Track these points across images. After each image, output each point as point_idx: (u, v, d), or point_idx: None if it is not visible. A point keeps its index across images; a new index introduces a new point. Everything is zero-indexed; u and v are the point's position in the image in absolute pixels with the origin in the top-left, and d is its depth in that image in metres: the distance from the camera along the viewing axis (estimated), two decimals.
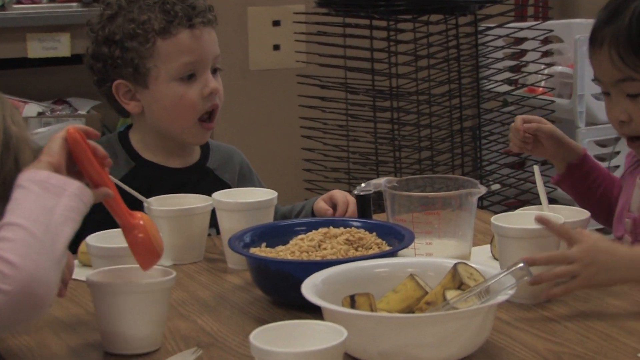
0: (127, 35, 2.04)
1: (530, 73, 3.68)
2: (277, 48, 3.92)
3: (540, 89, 3.68)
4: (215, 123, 2.11)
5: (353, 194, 1.96)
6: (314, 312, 1.43)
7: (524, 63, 3.62)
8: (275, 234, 1.79)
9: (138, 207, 1.84)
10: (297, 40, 3.59)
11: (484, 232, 1.98)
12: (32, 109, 3.42)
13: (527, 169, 3.57)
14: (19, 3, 3.44)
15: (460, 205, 1.78)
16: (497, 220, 1.69)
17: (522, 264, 1.46)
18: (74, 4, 3.45)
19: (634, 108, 1.77)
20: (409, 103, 3.44)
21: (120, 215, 1.47)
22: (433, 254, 1.77)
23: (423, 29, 3.43)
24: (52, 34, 3.36)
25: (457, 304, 1.43)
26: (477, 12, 3.47)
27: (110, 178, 1.49)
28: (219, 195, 1.90)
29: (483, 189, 1.80)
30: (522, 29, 3.58)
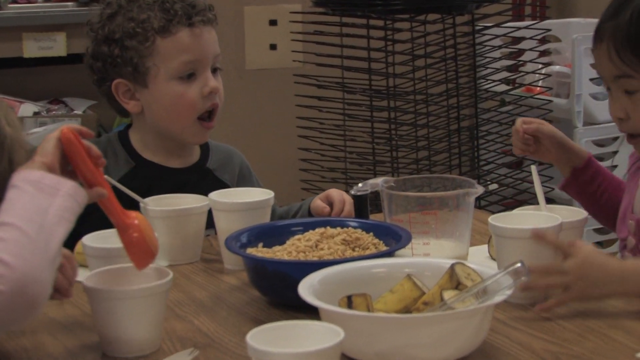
0: (126, 34, 2.03)
1: (528, 72, 3.67)
2: (273, 47, 3.92)
3: (538, 89, 3.68)
4: (215, 122, 2.10)
5: (350, 194, 1.96)
6: (311, 312, 1.43)
7: (522, 62, 3.61)
8: (272, 234, 1.78)
9: (136, 207, 1.84)
10: (293, 40, 3.59)
11: (482, 232, 1.98)
12: (27, 109, 3.41)
13: (524, 169, 3.57)
14: (15, 2, 3.43)
15: (458, 205, 1.78)
16: (494, 220, 1.69)
17: (519, 264, 1.46)
18: (70, 4, 3.44)
19: (631, 105, 1.76)
20: (406, 103, 3.43)
21: (115, 215, 1.47)
22: (430, 254, 1.77)
23: (420, 29, 3.42)
24: (47, 34, 3.35)
25: (454, 305, 1.42)
26: (474, 11, 3.46)
27: (106, 178, 1.48)
28: (216, 196, 1.90)
29: (480, 189, 1.80)
30: (519, 29, 3.58)
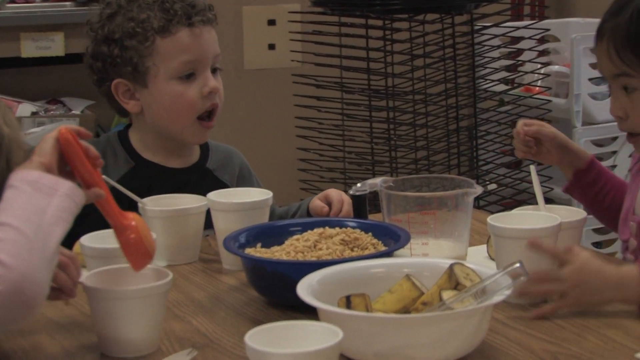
0: (126, 34, 2.03)
1: (527, 72, 3.67)
2: (272, 47, 3.91)
3: (537, 89, 3.67)
4: (215, 122, 2.10)
5: (349, 194, 1.96)
6: (310, 312, 1.43)
7: (521, 62, 3.61)
8: (271, 235, 1.78)
9: (135, 207, 1.84)
10: (292, 40, 3.58)
11: (481, 232, 1.98)
12: (25, 109, 3.41)
13: (523, 169, 3.56)
14: (13, 2, 3.43)
15: (457, 205, 1.78)
16: (493, 220, 1.69)
17: (518, 264, 1.46)
18: (68, 4, 3.44)
19: (630, 104, 1.76)
20: (405, 102, 3.43)
21: (112, 216, 1.47)
22: (429, 254, 1.77)
23: (419, 28, 3.42)
24: (45, 34, 3.35)
25: (453, 305, 1.42)
26: (473, 11, 3.46)
27: (104, 178, 1.48)
28: (214, 196, 1.90)
29: (479, 189, 1.79)
30: (518, 28, 3.57)
